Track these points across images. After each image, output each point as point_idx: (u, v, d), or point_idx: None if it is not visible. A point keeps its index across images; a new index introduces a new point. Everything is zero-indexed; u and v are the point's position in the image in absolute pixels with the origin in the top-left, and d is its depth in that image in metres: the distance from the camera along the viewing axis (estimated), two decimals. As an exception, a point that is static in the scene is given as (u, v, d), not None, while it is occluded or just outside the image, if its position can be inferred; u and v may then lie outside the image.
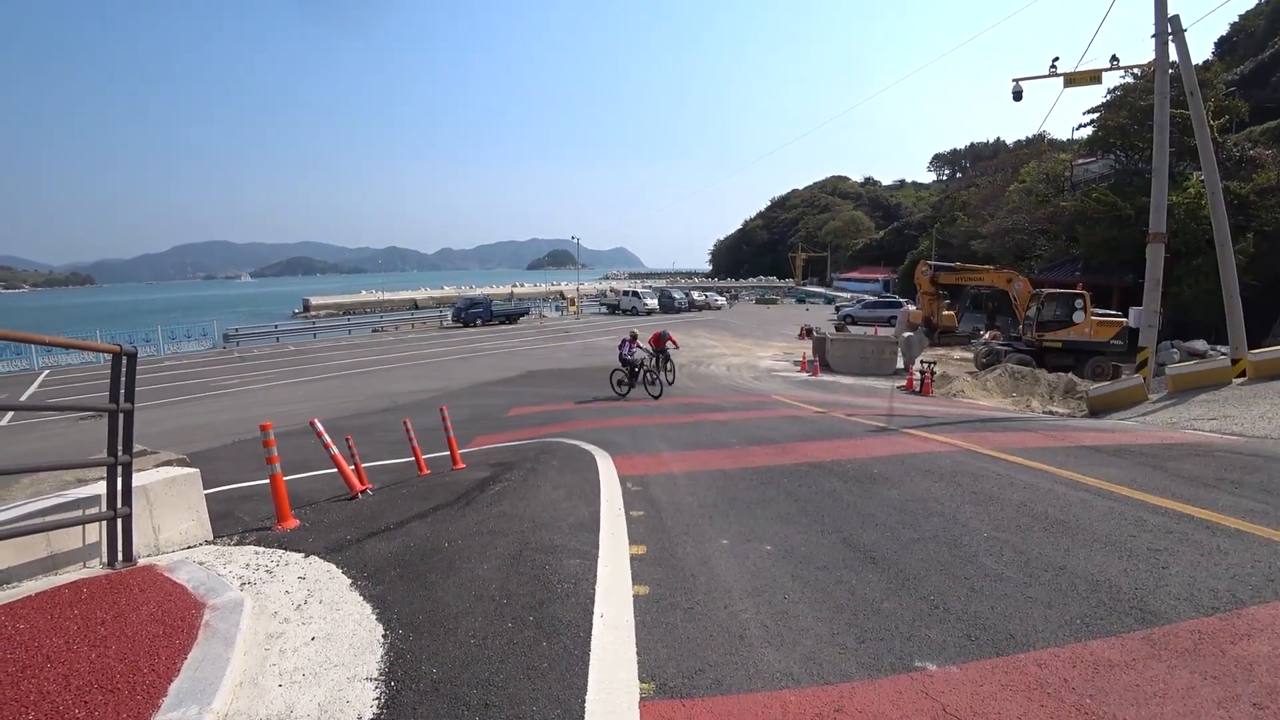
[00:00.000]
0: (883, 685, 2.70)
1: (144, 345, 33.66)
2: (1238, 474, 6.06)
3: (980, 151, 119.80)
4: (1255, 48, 51.49)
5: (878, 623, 3.24)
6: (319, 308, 68.74)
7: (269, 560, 4.48)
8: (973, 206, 55.54)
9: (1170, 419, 11.96)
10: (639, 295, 55.60)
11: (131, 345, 4.40)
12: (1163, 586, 3.56)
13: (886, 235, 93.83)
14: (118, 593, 3.68)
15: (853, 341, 25.98)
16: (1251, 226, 25.78)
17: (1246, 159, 29.09)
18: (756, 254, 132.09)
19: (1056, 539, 4.33)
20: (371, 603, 3.63)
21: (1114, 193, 30.38)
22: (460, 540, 4.57)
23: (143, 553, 4.46)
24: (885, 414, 11.71)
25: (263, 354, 32.29)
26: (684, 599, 3.55)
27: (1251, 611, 3.26)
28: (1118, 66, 16.69)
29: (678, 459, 7.36)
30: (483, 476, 6.87)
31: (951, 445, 7.75)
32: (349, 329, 45.04)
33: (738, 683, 2.73)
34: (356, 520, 5.46)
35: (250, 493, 7.59)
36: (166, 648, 3.04)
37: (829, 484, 5.96)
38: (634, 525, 4.86)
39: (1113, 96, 33.43)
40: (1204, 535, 4.33)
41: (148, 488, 4.64)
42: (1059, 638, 3.05)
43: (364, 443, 9.67)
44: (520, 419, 12.82)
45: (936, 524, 4.71)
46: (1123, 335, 20.82)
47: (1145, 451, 7.32)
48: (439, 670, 2.86)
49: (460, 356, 28.46)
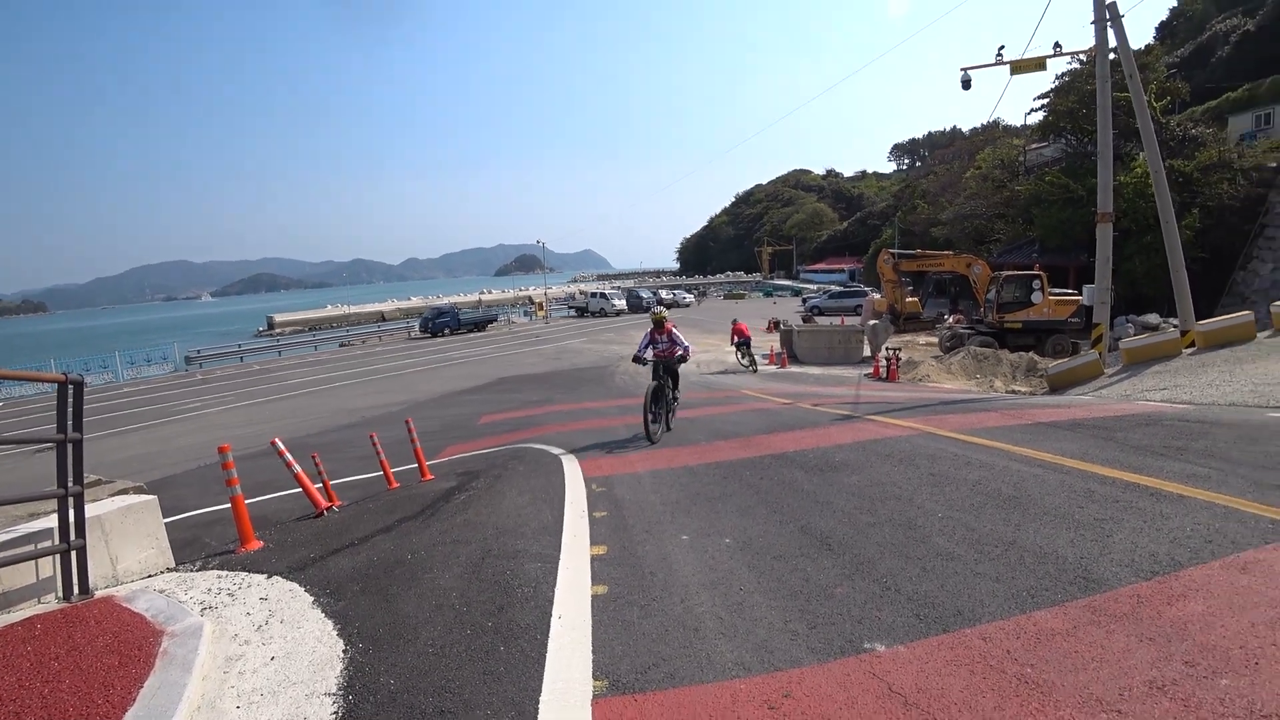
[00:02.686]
0: (832, 668, 2.76)
1: (101, 372, 32.84)
2: (1184, 441, 6.26)
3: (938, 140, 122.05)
4: (1194, 31, 53.20)
5: (830, 607, 3.31)
6: (283, 325, 67.61)
7: (231, 584, 4.44)
8: (932, 194, 56.53)
9: (1125, 391, 12.31)
10: (607, 297, 55.63)
11: (78, 374, 4.32)
12: (1106, 554, 3.68)
13: (850, 226, 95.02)
14: (73, 626, 3.63)
15: (819, 332, 26.28)
16: (1197, 202, 26.60)
17: (1189, 138, 29.99)
18: (723, 250, 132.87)
19: (1008, 515, 4.44)
20: (333, 619, 3.63)
21: (1066, 175, 31.12)
22: (424, 551, 4.57)
23: (100, 584, 4.39)
24: (851, 402, 11.88)
25: (226, 375, 31.69)
26: (641, 596, 3.60)
27: (1188, 573, 3.38)
28: (1061, 53, 17.14)
29: (643, 458, 7.41)
30: (449, 486, 6.86)
31: (912, 429, 7.89)
32: (315, 345, 44.37)
33: (690, 675, 2.78)
34: (321, 538, 5.43)
35: (215, 517, 7.49)
36: (122, 678, 3.01)
37: (790, 474, 6.05)
38: (596, 526, 4.90)
39: (1060, 82, 34.22)
40: (1148, 502, 4.47)
41: (102, 518, 4.56)
42: (1005, 610, 3.14)
43: (331, 459, 9.57)
44: (491, 426, 12.79)
45: (893, 507, 4.81)
46: (1079, 313, 21.33)
47: (1098, 424, 7.53)
48: (397, 681, 2.87)
49: (429, 367, 28.22)
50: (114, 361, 33.56)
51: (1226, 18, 48.64)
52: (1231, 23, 47.47)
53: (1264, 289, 25.76)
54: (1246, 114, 38.23)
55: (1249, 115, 38.11)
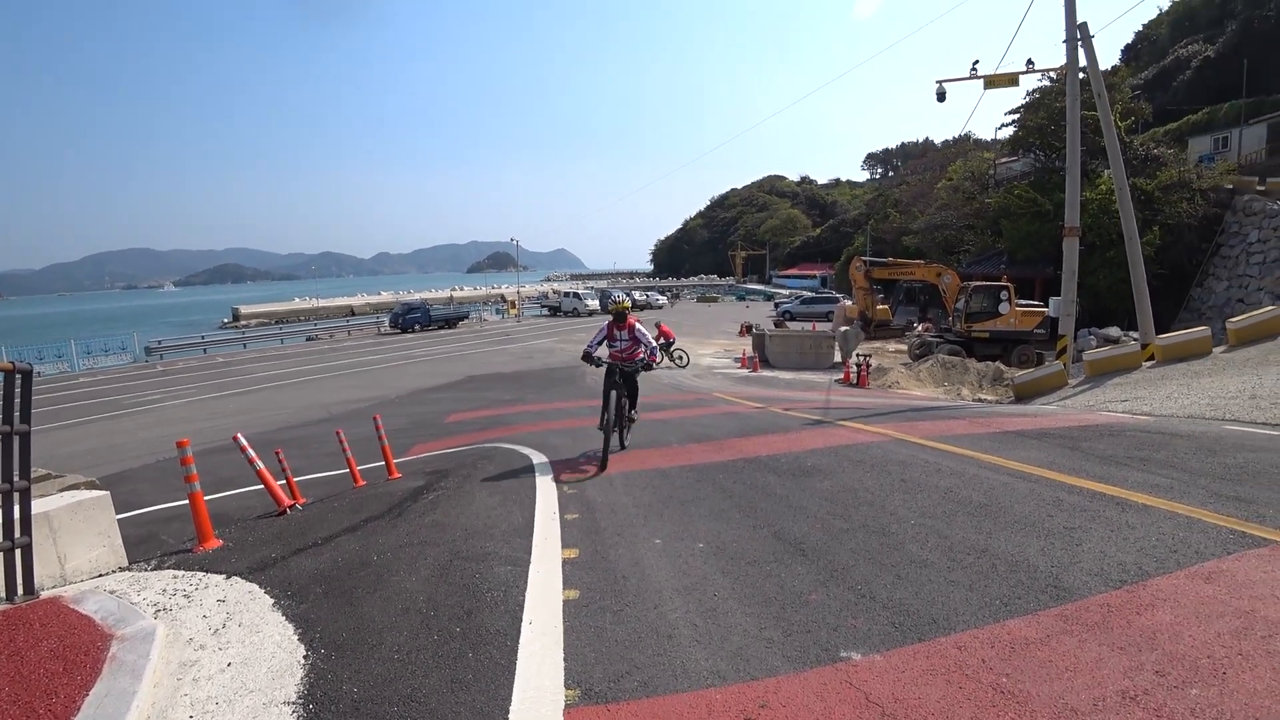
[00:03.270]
0: (808, 677, 2.73)
1: (56, 361, 31.71)
2: (1146, 451, 6.40)
3: (910, 151, 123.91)
4: (1158, 54, 54.89)
5: (805, 615, 3.28)
6: (249, 316, 66.13)
7: (187, 584, 4.28)
8: (904, 204, 57.41)
9: (1088, 402, 12.58)
10: (580, 297, 55.52)
11: (26, 363, 4.13)
12: (1076, 563, 3.72)
13: (823, 233, 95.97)
14: (15, 629, 3.45)
15: (791, 337, 26.48)
16: (1158, 220, 27.38)
17: (1151, 157, 30.88)
18: (697, 253, 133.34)
19: (979, 522, 4.47)
20: (294, 623, 3.50)
21: (1034, 189, 31.79)
22: (390, 553, 4.45)
23: (47, 584, 4.20)
24: (822, 407, 11.95)
25: (189, 367, 30.87)
26: (614, 601, 3.53)
27: (1156, 583, 3.43)
28: (1034, 70, 17.54)
29: (614, 459, 7.33)
30: (417, 485, 6.72)
31: (883, 435, 7.95)
32: (281, 338, 43.44)
33: (664, 684, 2.73)
34: (283, 537, 5.27)
35: (174, 514, 7.24)
36: (67, 685, 2.86)
37: (763, 479, 6.03)
38: (568, 529, 4.82)
39: (1031, 99, 34.99)
40: (1115, 511, 4.54)
41: (50, 514, 4.36)
42: (979, 619, 3.15)
43: (297, 456, 9.33)
44: (460, 424, 12.60)
45: (866, 513, 4.82)
46: (1045, 324, 21.84)
47: (1064, 434, 7.66)
48: (360, 689, 2.77)
49: (398, 363, 27.80)
50: (69, 350, 32.43)
51: (1188, 43, 50.31)
52: (1193, 48, 49.14)
53: (1219, 305, 26.60)
54: (1205, 136, 39.61)
55: (1208, 138, 39.49)
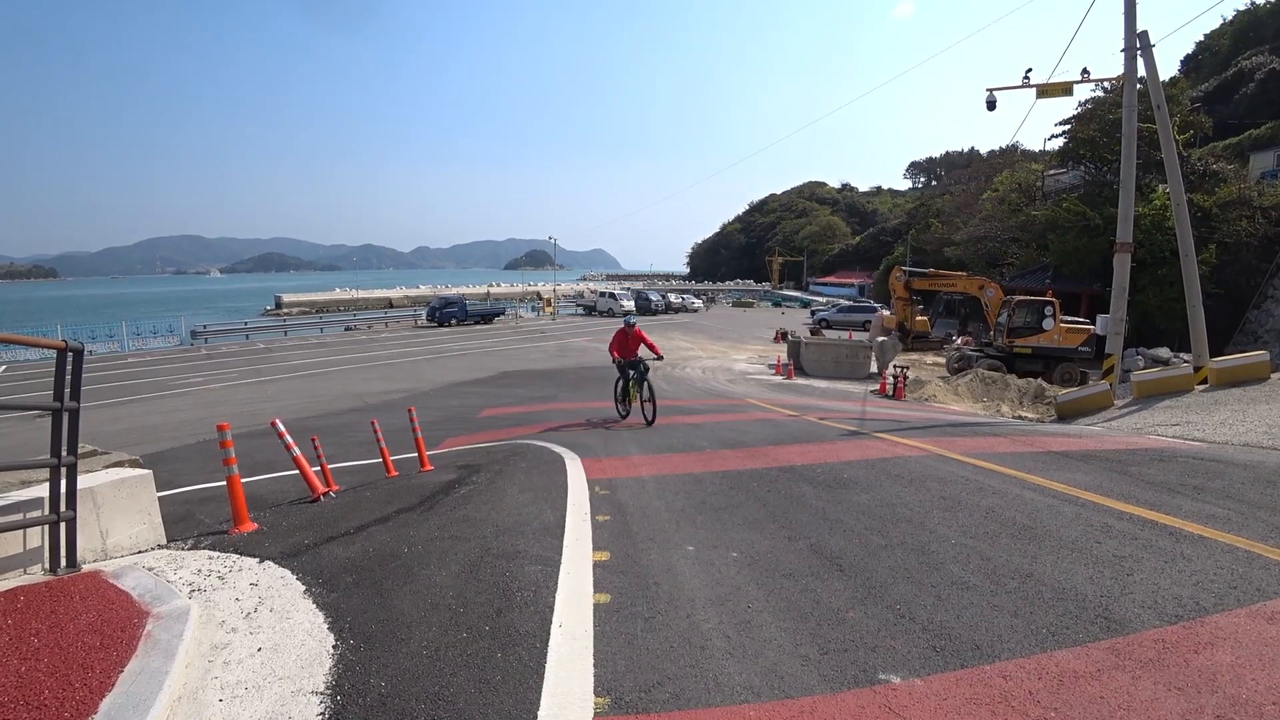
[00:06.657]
0: (845, 699, 2.63)
1: (107, 341, 32.84)
2: (1200, 479, 6.12)
3: (955, 160, 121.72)
4: (1219, 66, 52.85)
5: (842, 633, 3.18)
6: (291, 305, 67.56)
7: (222, 566, 4.32)
8: (947, 214, 56.39)
9: (1135, 424, 12.14)
10: (615, 297, 55.68)
11: (78, 342, 4.22)
12: (1127, 594, 3.55)
13: (862, 241, 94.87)
14: (56, 601, 3.51)
15: (827, 345, 26.14)
16: (1214, 238, 26.43)
17: (1210, 173, 29.83)
18: (734, 257, 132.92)
19: (1024, 545, 4.31)
20: (324, 611, 3.50)
21: (1083, 203, 30.93)
22: (420, 545, 4.45)
23: (89, 558, 4.28)
24: (858, 418, 11.75)
25: (231, 351, 31.66)
26: (645, 608, 3.46)
27: (1214, 620, 3.25)
28: (1088, 79, 17.02)
29: (648, 462, 7.28)
30: (449, 479, 6.74)
31: (922, 449, 7.76)
32: (321, 327, 44.40)
33: (697, 697, 2.65)
34: (316, 524, 5.31)
35: (211, 494, 7.39)
36: (102, 660, 2.89)
37: (798, 489, 5.91)
38: (599, 531, 4.76)
39: (1083, 109, 34.05)
40: (1168, 542, 4.34)
41: (95, 490, 4.44)
42: (1025, 648, 3.01)
43: (331, 444, 9.47)
44: (492, 420, 12.67)
45: (904, 530, 4.68)
46: (1090, 342, 21.21)
47: (1111, 457, 7.39)
48: (388, 684, 2.74)
49: (433, 356, 28.14)
50: (120, 331, 33.53)
51: (1253, 55, 48.37)
52: (1257, 60, 47.16)
53: (1278, 329, 25.53)
54: (1269, 152, 37.99)
55: (1271, 154, 37.86)
